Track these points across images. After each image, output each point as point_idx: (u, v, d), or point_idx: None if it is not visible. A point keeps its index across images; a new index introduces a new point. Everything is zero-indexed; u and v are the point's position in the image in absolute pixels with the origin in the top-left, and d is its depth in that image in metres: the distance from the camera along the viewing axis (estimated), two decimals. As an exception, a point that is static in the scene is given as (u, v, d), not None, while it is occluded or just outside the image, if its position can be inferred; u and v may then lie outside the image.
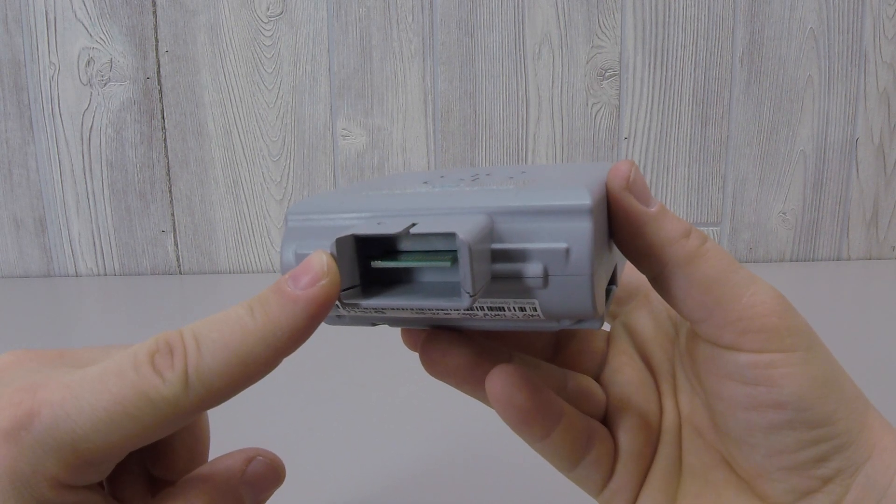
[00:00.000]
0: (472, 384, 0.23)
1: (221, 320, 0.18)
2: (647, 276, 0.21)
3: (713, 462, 0.23)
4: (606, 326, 0.24)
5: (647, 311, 0.26)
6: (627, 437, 0.24)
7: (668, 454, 0.24)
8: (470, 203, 0.19)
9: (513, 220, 0.19)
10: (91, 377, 0.18)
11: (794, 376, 0.20)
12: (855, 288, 0.67)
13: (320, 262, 0.19)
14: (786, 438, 0.20)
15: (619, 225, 0.21)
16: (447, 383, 0.23)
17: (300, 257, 0.21)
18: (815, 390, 0.20)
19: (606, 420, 0.25)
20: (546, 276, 0.19)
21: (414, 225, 0.18)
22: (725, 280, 0.20)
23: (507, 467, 0.37)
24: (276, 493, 0.24)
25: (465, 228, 0.18)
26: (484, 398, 0.23)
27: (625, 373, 0.25)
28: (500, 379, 0.22)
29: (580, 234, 0.19)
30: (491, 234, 0.19)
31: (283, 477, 0.24)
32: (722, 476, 0.22)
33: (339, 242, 0.19)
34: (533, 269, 0.19)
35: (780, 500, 0.21)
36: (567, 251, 0.19)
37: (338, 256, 0.19)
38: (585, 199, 0.19)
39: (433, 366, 0.23)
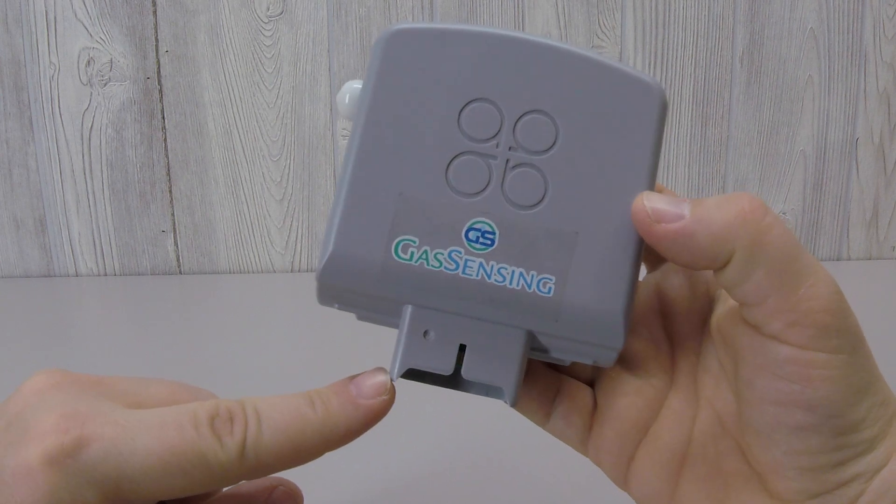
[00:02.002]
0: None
1: (282, 404, 0.20)
2: (714, 270, 0.20)
3: (728, 449, 0.22)
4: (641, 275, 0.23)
5: (685, 277, 0.25)
6: (607, 400, 0.24)
7: (674, 431, 0.23)
8: (516, 321, 0.21)
9: (550, 338, 0.22)
10: (149, 423, 0.19)
11: (832, 380, 0.19)
12: (855, 288, 0.67)
13: (384, 380, 0.21)
14: (809, 440, 0.20)
15: (670, 250, 0.20)
16: None
17: (344, 306, 0.23)
18: (849, 397, 0.19)
19: (595, 380, 0.25)
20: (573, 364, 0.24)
21: (464, 348, 0.22)
22: (788, 265, 0.19)
23: (511, 468, 0.37)
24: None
25: (510, 383, 0.21)
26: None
27: (634, 344, 0.24)
28: None
29: (608, 357, 0.22)
30: (529, 347, 0.22)
31: None
32: (734, 465, 0.22)
33: (402, 376, 0.22)
34: (562, 361, 0.23)
35: (791, 498, 0.20)
36: (595, 363, 0.23)
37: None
38: (618, 343, 0.21)
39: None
